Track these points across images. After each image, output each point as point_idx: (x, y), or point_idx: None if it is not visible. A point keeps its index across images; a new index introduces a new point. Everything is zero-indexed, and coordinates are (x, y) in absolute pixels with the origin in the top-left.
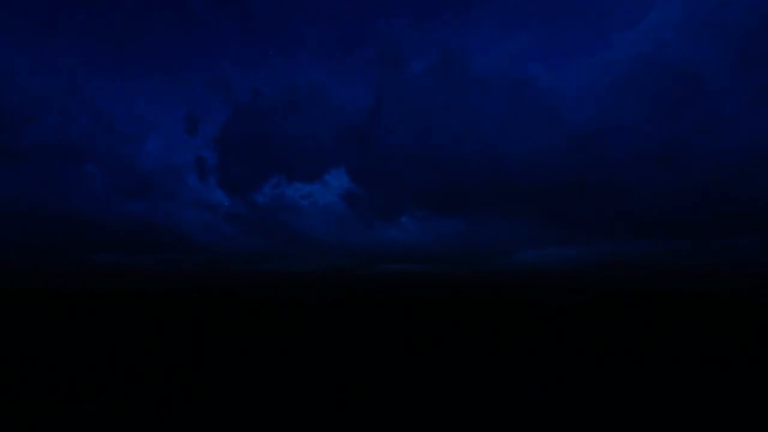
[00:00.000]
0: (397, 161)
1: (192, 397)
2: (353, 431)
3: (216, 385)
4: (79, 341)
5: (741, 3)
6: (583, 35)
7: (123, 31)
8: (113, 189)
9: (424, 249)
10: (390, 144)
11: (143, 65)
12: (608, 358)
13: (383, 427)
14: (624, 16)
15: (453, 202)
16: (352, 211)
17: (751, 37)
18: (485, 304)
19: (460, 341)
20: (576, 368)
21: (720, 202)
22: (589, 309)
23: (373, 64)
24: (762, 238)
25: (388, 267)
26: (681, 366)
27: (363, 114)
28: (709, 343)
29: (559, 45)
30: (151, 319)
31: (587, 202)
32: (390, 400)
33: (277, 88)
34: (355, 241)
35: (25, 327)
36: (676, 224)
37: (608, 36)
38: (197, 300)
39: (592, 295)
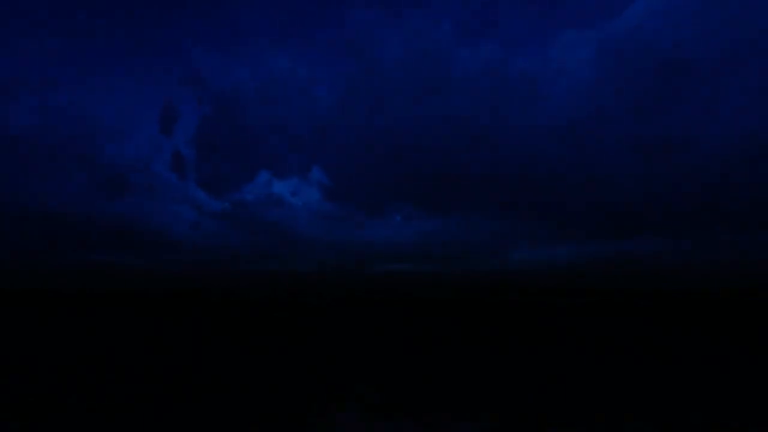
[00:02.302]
0: (372, 157)
1: (192, 397)
2: (353, 431)
3: (216, 385)
4: (79, 341)
5: None
6: (570, 18)
7: (96, 26)
8: (94, 188)
9: (418, 249)
10: (364, 139)
11: (117, 58)
12: (608, 358)
13: (383, 427)
14: None
15: (441, 199)
16: (337, 208)
17: (751, 22)
18: (484, 303)
19: (459, 341)
20: (576, 368)
21: (719, 198)
22: (588, 309)
23: (345, 54)
24: (763, 235)
25: (383, 267)
26: (681, 366)
27: (337, 107)
28: (709, 343)
29: (544, 32)
30: (149, 318)
31: (580, 199)
32: (390, 400)
33: (253, 81)
34: (348, 241)
35: (24, 327)
36: (673, 221)
37: (596, 18)
38: (196, 300)
39: (591, 294)
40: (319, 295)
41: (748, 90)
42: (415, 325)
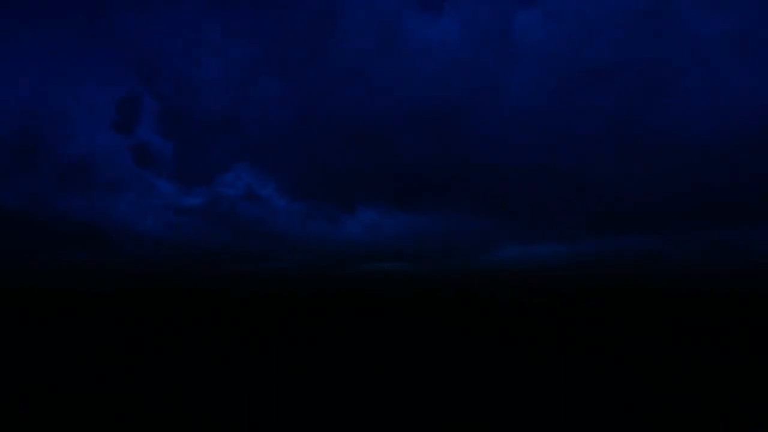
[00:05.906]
0: (344, 151)
1: (192, 396)
2: (353, 431)
3: (216, 385)
4: (77, 341)
5: None
6: None
7: (52, 14)
8: (57, 184)
9: (403, 247)
10: (332, 133)
11: (77, 47)
12: (608, 357)
13: (383, 427)
14: None
15: (423, 196)
16: (312, 206)
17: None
18: (481, 303)
19: (458, 341)
20: (576, 368)
21: (715, 193)
22: (587, 309)
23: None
24: (762, 232)
25: (366, 266)
26: (681, 365)
27: (299, 98)
28: (708, 343)
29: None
30: (148, 318)
31: (567, 194)
32: (390, 400)
33: (213, 69)
34: (329, 239)
35: (24, 327)
36: (667, 218)
37: None
38: (193, 299)
39: (583, 293)
40: (312, 295)
41: (743, 80)
42: (413, 325)
